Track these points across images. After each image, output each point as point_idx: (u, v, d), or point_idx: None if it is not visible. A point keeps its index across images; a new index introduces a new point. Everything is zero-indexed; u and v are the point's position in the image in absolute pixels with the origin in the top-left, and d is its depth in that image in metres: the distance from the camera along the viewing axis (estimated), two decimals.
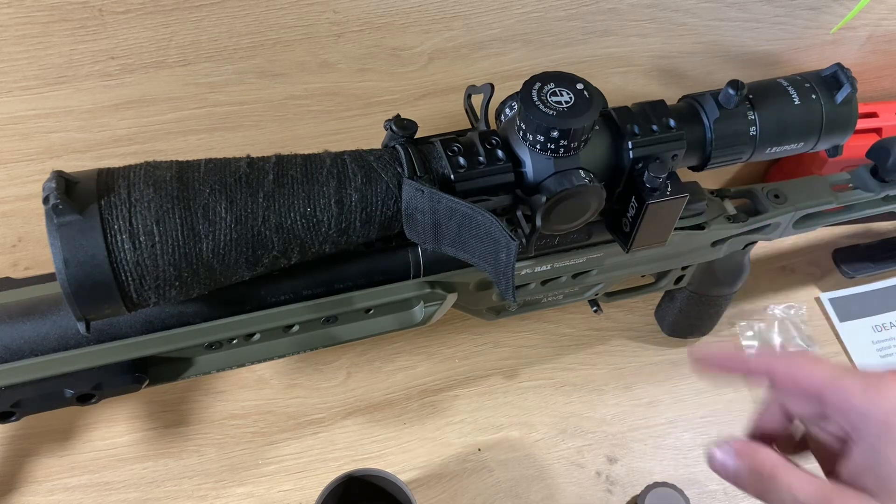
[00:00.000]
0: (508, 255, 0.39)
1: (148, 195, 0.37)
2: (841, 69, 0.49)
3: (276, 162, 0.40)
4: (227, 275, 0.40)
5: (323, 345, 0.50)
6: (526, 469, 0.64)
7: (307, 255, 0.42)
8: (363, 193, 0.41)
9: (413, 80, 0.61)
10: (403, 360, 0.70)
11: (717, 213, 0.57)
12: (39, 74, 0.51)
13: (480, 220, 0.39)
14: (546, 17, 0.59)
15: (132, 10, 0.49)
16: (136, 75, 0.53)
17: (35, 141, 0.55)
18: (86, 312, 0.37)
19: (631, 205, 0.46)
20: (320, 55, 0.56)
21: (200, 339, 0.44)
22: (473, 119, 0.49)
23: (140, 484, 0.61)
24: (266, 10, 0.52)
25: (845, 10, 0.66)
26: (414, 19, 0.56)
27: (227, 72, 0.55)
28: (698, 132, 0.47)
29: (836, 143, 0.52)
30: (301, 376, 0.68)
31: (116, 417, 0.64)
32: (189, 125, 0.58)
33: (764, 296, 0.78)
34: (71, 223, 0.35)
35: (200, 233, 0.37)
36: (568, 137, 0.41)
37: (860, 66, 0.73)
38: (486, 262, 0.41)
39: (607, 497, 0.63)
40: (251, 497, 0.61)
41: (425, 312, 0.51)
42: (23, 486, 0.60)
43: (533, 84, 0.42)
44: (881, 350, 0.74)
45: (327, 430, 0.65)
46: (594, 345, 0.73)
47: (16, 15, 0.48)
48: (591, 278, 0.56)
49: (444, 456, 0.64)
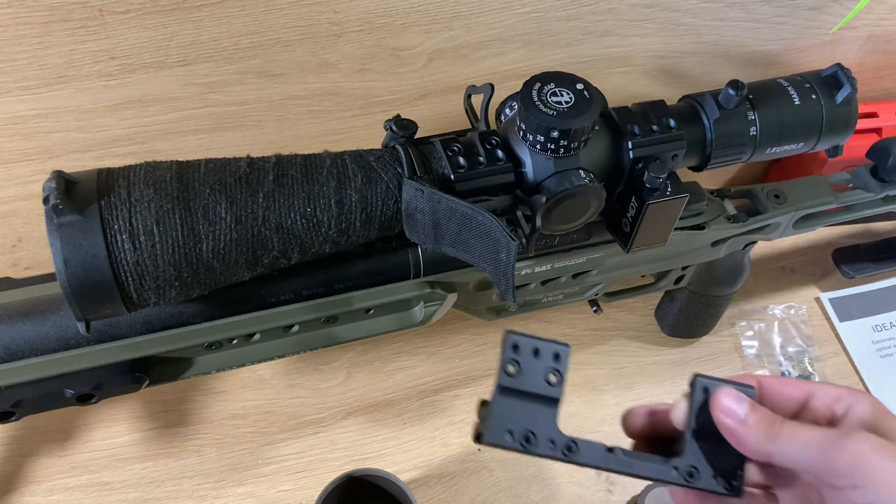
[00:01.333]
0: (508, 255, 0.39)
1: (148, 195, 0.37)
2: (841, 69, 0.49)
3: (276, 162, 0.40)
4: (227, 275, 0.40)
5: (323, 345, 0.50)
6: (526, 469, 0.64)
7: (307, 255, 0.42)
8: (363, 193, 0.41)
9: (413, 80, 0.61)
10: (403, 360, 0.70)
11: (717, 213, 0.57)
12: (39, 74, 0.51)
13: (480, 220, 0.39)
14: (546, 17, 0.59)
15: (132, 10, 0.49)
16: (136, 75, 0.53)
17: (35, 141, 0.55)
18: (86, 312, 0.37)
19: (631, 205, 0.46)
20: (320, 55, 0.56)
21: (200, 339, 0.44)
22: (473, 119, 0.49)
23: (140, 484, 0.61)
24: (266, 10, 0.52)
25: (845, 10, 0.66)
26: (414, 19, 0.56)
27: (227, 72, 0.55)
28: (698, 132, 0.47)
29: (836, 143, 0.52)
30: (301, 376, 0.68)
31: (116, 417, 0.64)
32: (189, 125, 0.58)
33: (764, 296, 0.78)
34: (71, 223, 0.35)
35: (200, 233, 0.37)
36: (568, 137, 0.41)
37: (860, 66, 0.74)
38: (486, 262, 0.41)
39: (607, 497, 0.63)
40: (251, 497, 0.61)
41: (425, 312, 0.51)
42: (23, 486, 0.60)
43: (533, 84, 0.42)
44: (881, 350, 0.74)
45: (327, 430, 0.65)
46: (594, 345, 0.73)
47: (16, 15, 0.48)
48: (591, 278, 0.56)
49: (443, 456, 0.64)
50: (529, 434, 0.34)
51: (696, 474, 0.36)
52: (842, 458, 0.31)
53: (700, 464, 0.36)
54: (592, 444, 0.36)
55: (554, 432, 0.35)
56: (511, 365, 0.34)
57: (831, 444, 0.31)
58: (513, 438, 0.34)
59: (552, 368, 0.35)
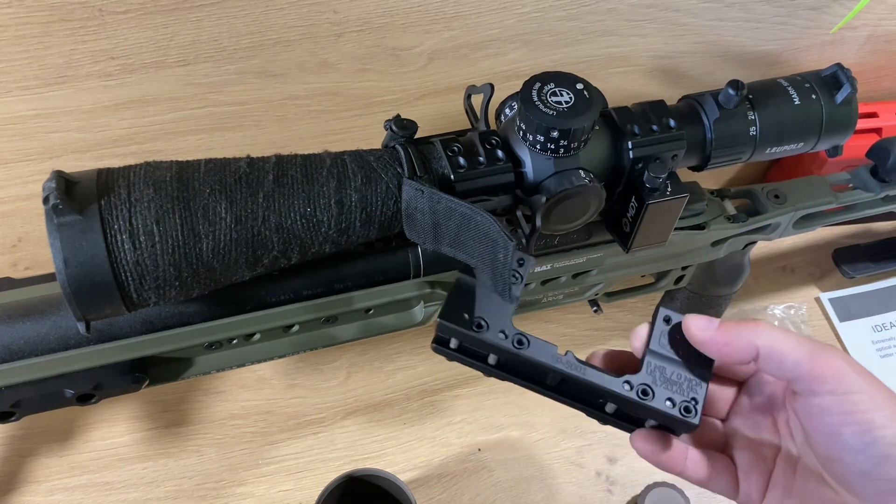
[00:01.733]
0: (506, 256, 0.39)
1: (148, 195, 0.37)
2: (841, 69, 0.49)
3: (276, 162, 0.40)
4: (227, 275, 0.40)
5: (323, 345, 0.50)
6: (526, 469, 0.64)
7: (307, 255, 0.42)
8: (363, 193, 0.41)
9: (413, 80, 0.61)
10: (403, 360, 0.70)
11: (717, 213, 0.57)
12: (39, 74, 0.51)
13: (479, 220, 0.39)
14: (546, 17, 0.59)
15: (132, 10, 0.49)
16: (136, 75, 0.53)
17: (35, 141, 0.55)
18: (86, 312, 0.37)
19: (631, 205, 0.46)
20: (320, 55, 0.56)
21: (200, 339, 0.44)
22: (473, 119, 0.49)
23: (140, 484, 0.61)
24: (266, 10, 0.52)
25: (845, 10, 0.66)
26: (414, 19, 0.56)
27: (227, 72, 0.55)
28: (698, 132, 0.47)
29: (836, 143, 0.52)
30: (301, 376, 0.68)
31: (116, 417, 0.64)
32: (189, 125, 0.58)
33: (764, 296, 0.78)
34: (71, 223, 0.35)
35: (200, 233, 0.37)
36: (568, 137, 0.41)
37: (860, 66, 0.74)
38: (484, 262, 0.41)
39: (607, 497, 0.63)
40: (251, 497, 0.61)
41: (425, 312, 0.51)
42: (23, 486, 0.60)
43: (533, 84, 0.42)
44: (881, 350, 0.74)
45: (327, 430, 0.65)
46: (594, 345, 0.73)
47: (16, 15, 0.48)
48: (591, 278, 0.56)
49: (443, 456, 0.64)
50: (482, 321, 0.35)
51: (650, 392, 0.35)
52: (826, 365, 0.33)
53: (654, 385, 0.36)
54: (545, 343, 0.35)
55: (507, 325, 0.35)
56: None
57: (818, 352, 0.33)
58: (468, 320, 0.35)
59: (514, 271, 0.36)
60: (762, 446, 0.38)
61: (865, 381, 0.33)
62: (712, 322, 0.36)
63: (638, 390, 0.35)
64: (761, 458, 0.37)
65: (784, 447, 0.37)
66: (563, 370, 0.35)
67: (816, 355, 0.33)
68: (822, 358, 0.33)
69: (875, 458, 0.31)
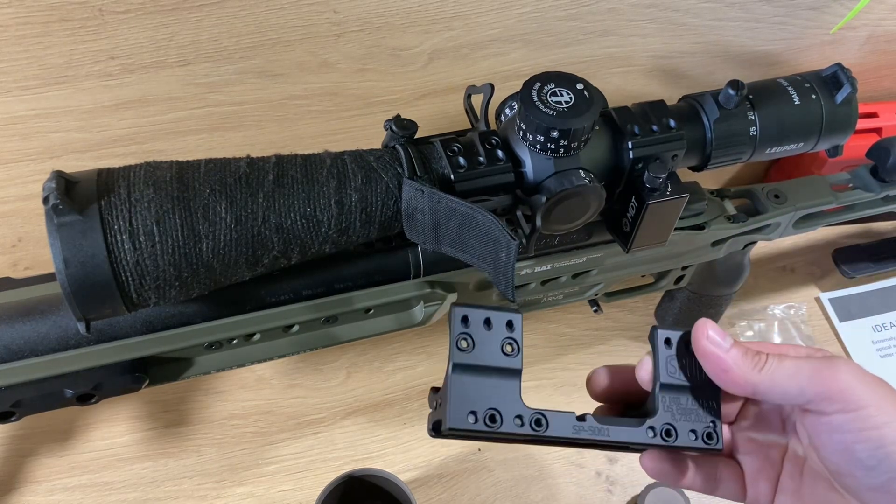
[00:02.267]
0: (508, 255, 0.39)
1: (148, 195, 0.37)
2: (841, 69, 0.49)
3: (276, 162, 0.40)
4: (227, 275, 0.40)
5: (323, 345, 0.50)
6: (526, 469, 0.64)
7: (307, 255, 0.42)
8: (363, 193, 0.41)
9: (413, 80, 0.61)
10: (403, 360, 0.70)
11: (717, 213, 0.57)
12: (39, 74, 0.51)
13: (480, 220, 0.39)
14: (546, 17, 0.59)
15: (132, 10, 0.49)
16: (136, 75, 0.53)
17: (35, 141, 0.55)
18: (86, 312, 0.37)
19: (631, 205, 0.46)
20: (320, 55, 0.56)
21: (200, 339, 0.44)
22: (473, 119, 0.49)
23: (140, 484, 0.61)
24: (266, 10, 0.52)
25: (845, 10, 0.66)
26: (414, 19, 0.56)
27: (227, 72, 0.55)
28: (698, 132, 0.47)
29: (836, 143, 0.52)
30: (301, 376, 0.68)
31: (116, 417, 0.64)
32: (189, 125, 0.58)
33: (764, 296, 0.78)
34: (71, 223, 0.35)
35: (200, 233, 0.37)
36: (568, 137, 0.41)
37: (860, 66, 0.74)
38: (485, 262, 0.41)
39: (607, 497, 0.63)
40: (251, 497, 0.61)
41: (425, 312, 0.51)
42: (23, 486, 0.60)
43: (533, 84, 0.42)
44: (881, 350, 0.74)
45: (327, 430, 0.65)
46: (594, 345, 0.73)
47: (16, 15, 0.48)
48: (591, 278, 0.56)
49: (443, 456, 0.64)
50: (494, 412, 0.31)
51: (673, 432, 0.34)
52: (833, 383, 0.32)
53: (674, 421, 0.34)
54: (562, 413, 0.33)
55: (519, 407, 0.32)
56: (463, 340, 0.32)
57: (820, 371, 0.32)
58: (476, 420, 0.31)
59: (507, 338, 0.32)
60: (769, 448, 0.37)
61: (874, 393, 0.32)
62: (726, 339, 0.34)
63: (661, 433, 0.34)
64: (769, 462, 0.37)
65: (791, 448, 0.37)
66: (587, 438, 0.33)
67: (819, 375, 0.32)
68: (825, 377, 0.32)
69: (889, 474, 0.31)
